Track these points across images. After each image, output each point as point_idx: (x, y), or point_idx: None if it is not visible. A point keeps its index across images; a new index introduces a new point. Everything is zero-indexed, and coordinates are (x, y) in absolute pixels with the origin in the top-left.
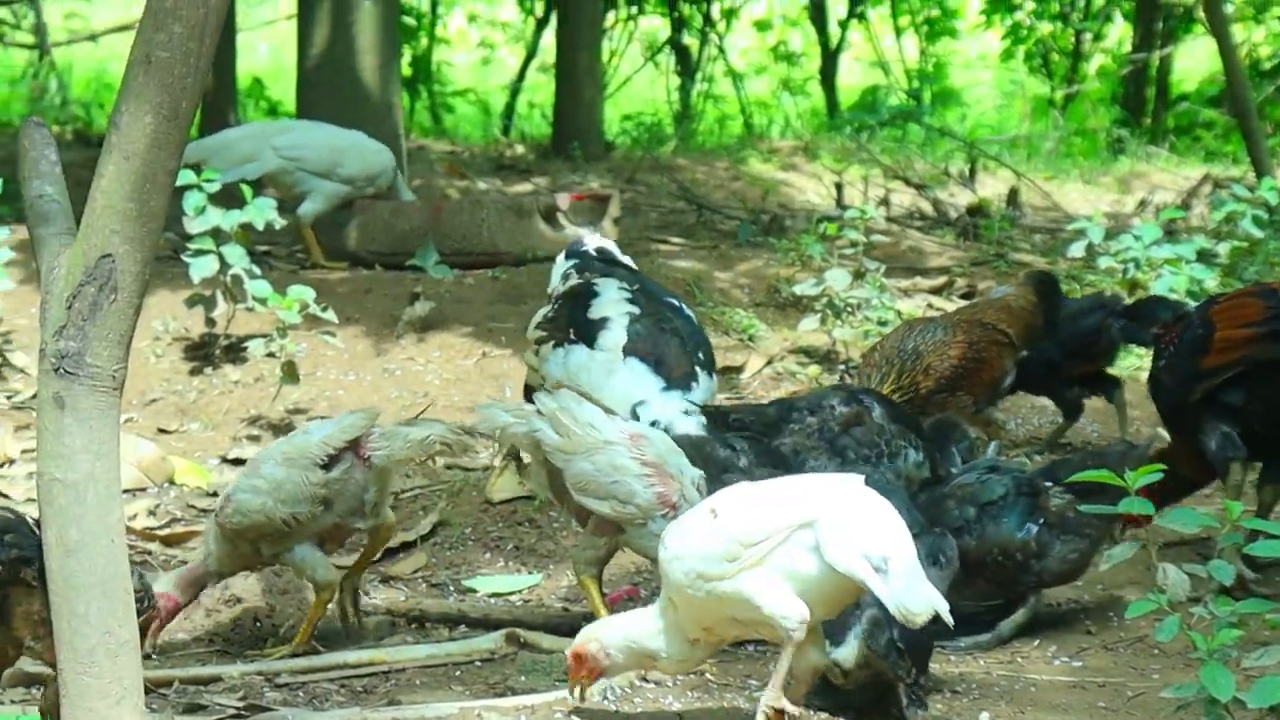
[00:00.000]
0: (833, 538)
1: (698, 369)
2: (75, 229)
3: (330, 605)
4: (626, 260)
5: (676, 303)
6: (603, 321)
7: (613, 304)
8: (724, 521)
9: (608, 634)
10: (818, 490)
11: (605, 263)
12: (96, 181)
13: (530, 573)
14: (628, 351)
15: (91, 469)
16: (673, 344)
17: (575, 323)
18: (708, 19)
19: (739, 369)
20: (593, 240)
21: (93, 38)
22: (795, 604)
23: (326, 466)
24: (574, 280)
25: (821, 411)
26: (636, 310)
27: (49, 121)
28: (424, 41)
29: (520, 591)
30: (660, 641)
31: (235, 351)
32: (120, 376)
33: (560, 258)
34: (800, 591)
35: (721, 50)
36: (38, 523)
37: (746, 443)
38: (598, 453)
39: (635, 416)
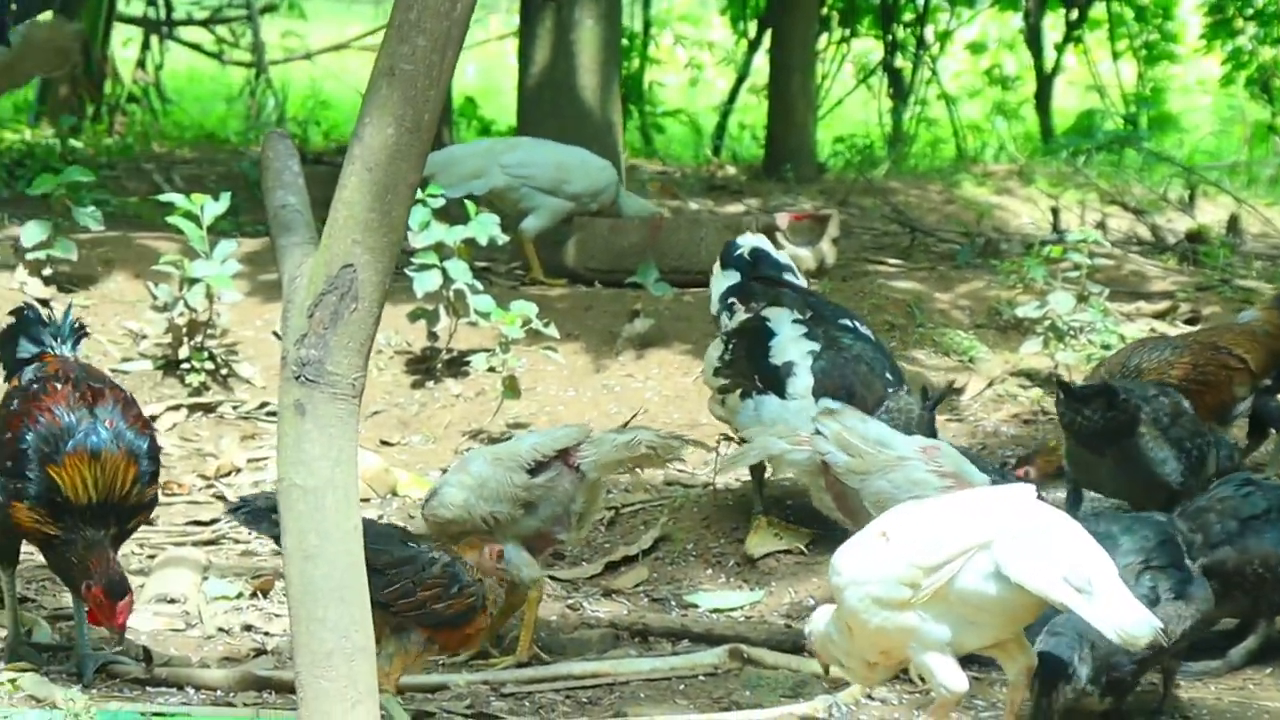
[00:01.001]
0: (1020, 556)
1: (889, 390)
2: (317, 239)
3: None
4: (782, 258)
5: (849, 322)
6: (788, 367)
7: (792, 343)
8: (899, 544)
9: (816, 618)
10: (995, 505)
11: (766, 279)
12: (339, 192)
13: (752, 589)
14: (818, 394)
15: (330, 475)
16: (860, 371)
17: (758, 369)
18: (921, 42)
19: (960, 390)
20: (748, 241)
21: (308, 56)
22: (958, 676)
23: (533, 472)
24: (740, 313)
25: (1152, 401)
26: (816, 346)
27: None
28: (635, 62)
29: (742, 608)
30: (840, 653)
31: (457, 365)
32: (359, 385)
33: (717, 269)
34: (981, 616)
35: (935, 73)
36: None
37: None
38: (893, 470)
39: None
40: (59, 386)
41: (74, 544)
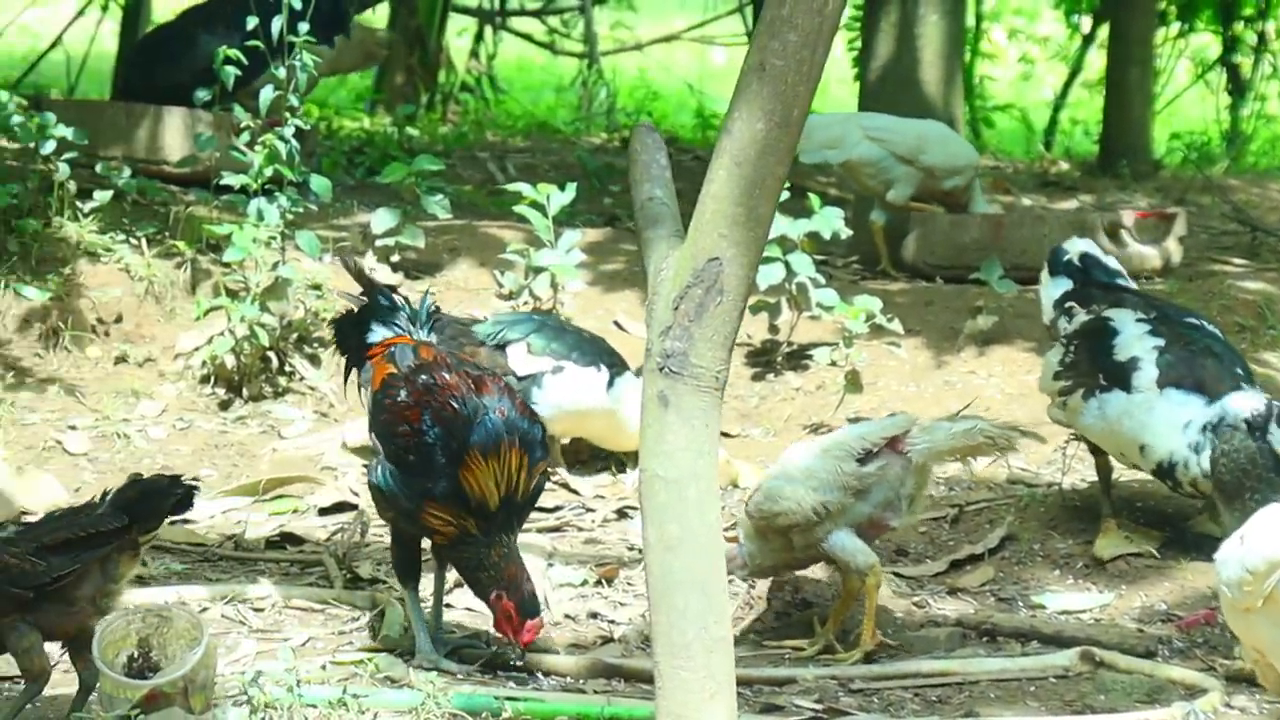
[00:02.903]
0: None
1: (1241, 384)
2: (682, 232)
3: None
4: (1111, 262)
5: (1196, 320)
6: (1132, 363)
7: (1136, 340)
8: (1247, 546)
9: None
10: None
11: (1100, 285)
12: (706, 186)
13: (1101, 591)
14: (1163, 385)
15: (693, 467)
16: (1209, 365)
17: (1101, 366)
18: (1261, 38)
19: None
20: (1076, 245)
21: (639, 47)
22: None
23: (863, 460)
24: (1080, 316)
25: None
26: (1161, 341)
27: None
28: (967, 56)
29: (1091, 610)
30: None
31: (797, 359)
32: (723, 378)
33: (1044, 275)
34: None
35: (1275, 70)
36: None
37: None
38: None
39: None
40: (448, 376)
41: (488, 547)
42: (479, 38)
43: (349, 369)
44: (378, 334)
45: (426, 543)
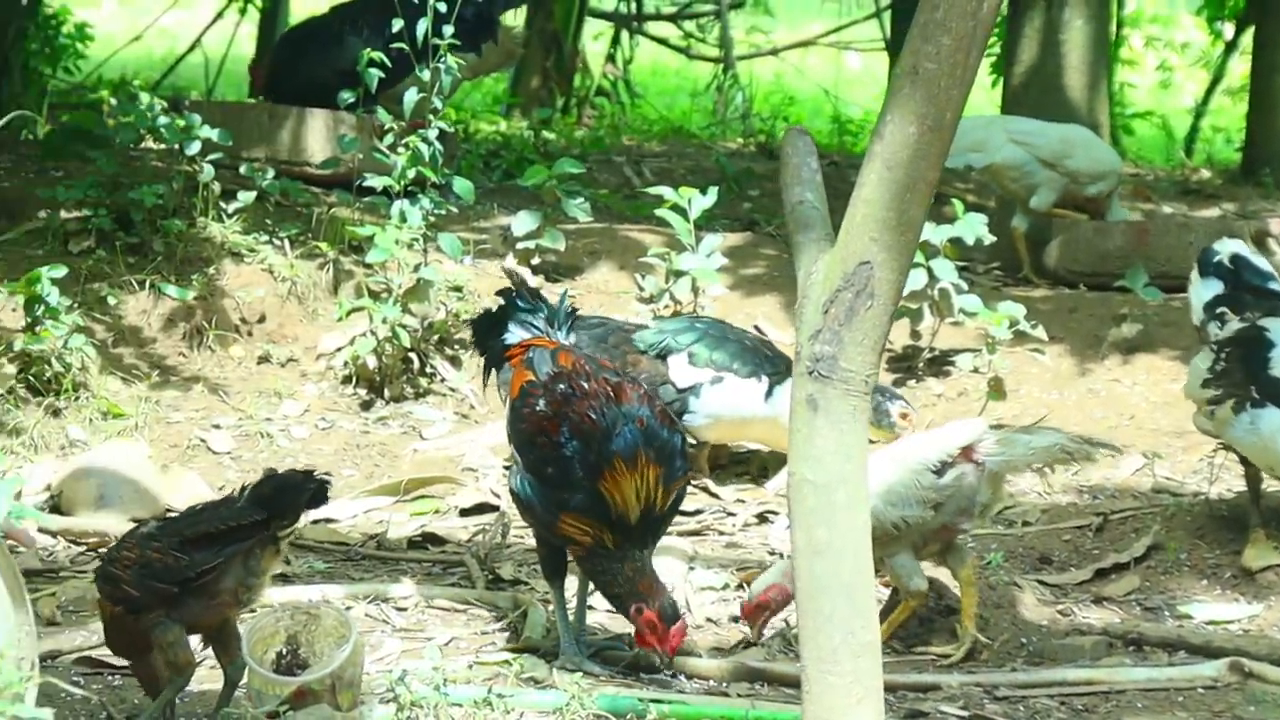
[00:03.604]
0: None
1: None
2: (832, 236)
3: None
4: (1263, 265)
5: None
6: None
7: None
8: None
9: None
10: None
11: (1252, 289)
12: (858, 190)
13: (1249, 603)
14: None
15: (841, 471)
16: None
17: (1256, 380)
18: None
19: None
20: (1226, 246)
21: (774, 52)
22: None
23: (939, 472)
24: (1233, 323)
25: None
26: None
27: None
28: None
29: (1239, 621)
30: None
31: (939, 365)
32: (871, 382)
33: (1194, 276)
34: None
35: None
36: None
37: None
38: None
39: None
40: (586, 385)
41: (620, 561)
42: (615, 41)
43: (487, 370)
44: (515, 335)
45: None
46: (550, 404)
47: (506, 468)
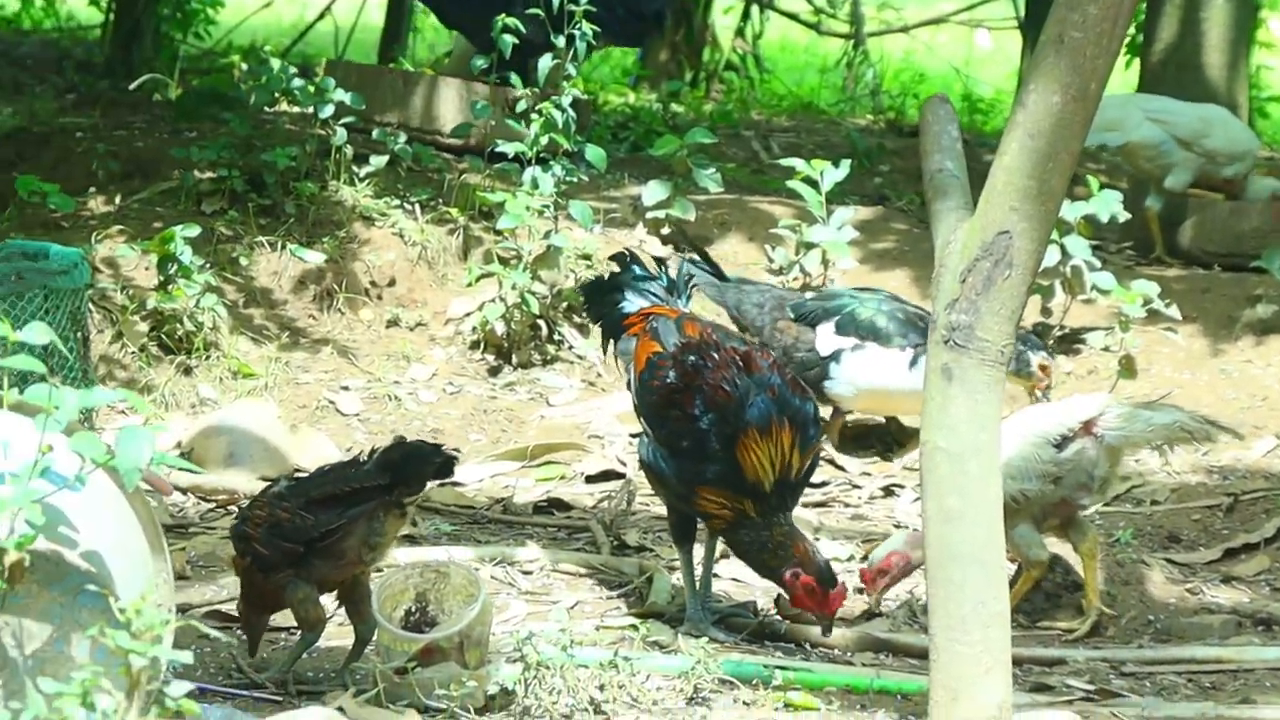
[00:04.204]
0: None
1: None
2: (971, 205)
3: None
4: None
5: None
6: None
7: None
8: None
9: None
10: None
11: None
12: (999, 158)
13: None
14: None
15: (975, 441)
16: None
17: None
18: None
19: None
20: None
21: (905, 29)
22: None
23: (1060, 446)
24: None
25: None
26: None
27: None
28: None
29: None
30: None
31: (1069, 342)
32: (1008, 352)
33: None
34: None
35: None
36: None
37: None
38: None
39: None
40: (716, 355)
41: (767, 529)
42: (745, 16)
43: (606, 337)
44: (633, 303)
45: None
46: (681, 376)
47: (634, 436)
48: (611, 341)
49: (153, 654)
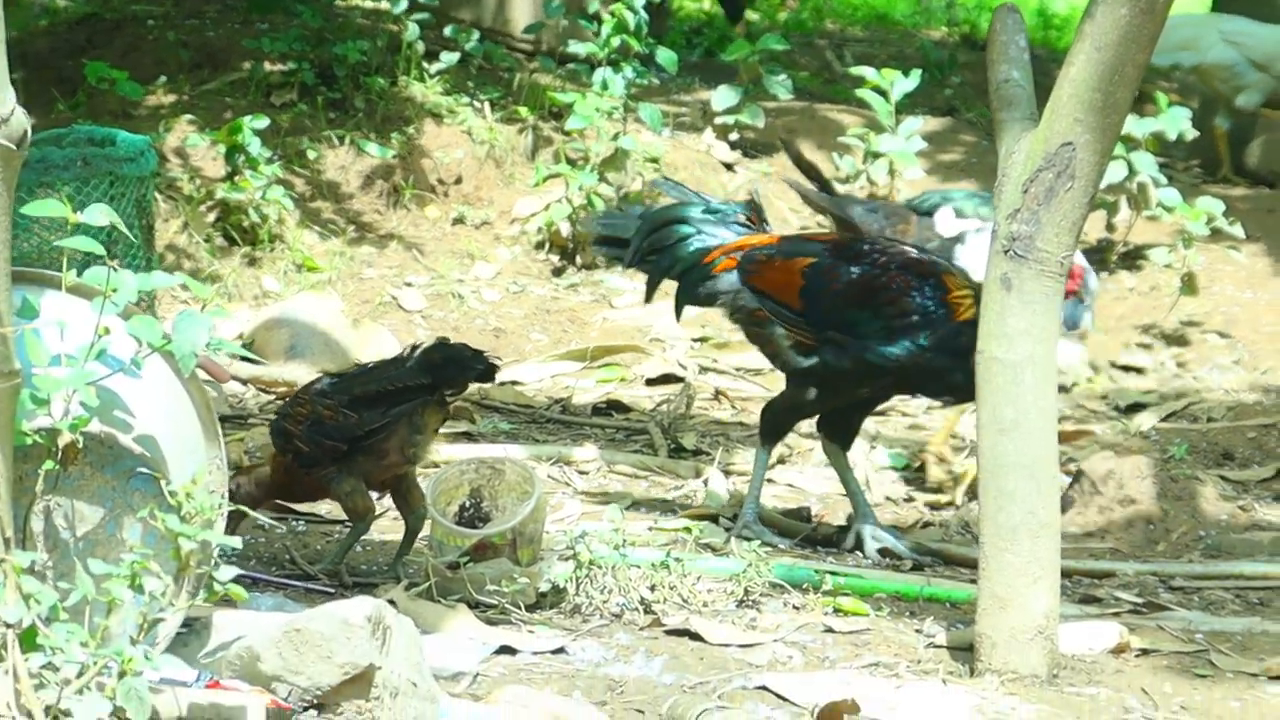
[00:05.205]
0: None
1: None
2: (1037, 116)
3: None
4: None
5: None
6: None
7: None
8: None
9: None
10: None
11: None
12: (1065, 70)
13: None
14: None
15: (1031, 351)
16: None
17: None
18: None
19: None
20: None
21: None
22: None
23: None
24: None
25: None
26: None
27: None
28: None
29: None
30: None
31: (1132, 259)
32: (1067, 264)
33: None
34: None
35: None
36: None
37: None
38: None
39: None
40: (872, 242)
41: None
42: None
43: (660, 277)
44: (704, 240)
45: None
46: (871, 263)
47: (697, 341)
48: (683, 284)
49: (202, 538)
